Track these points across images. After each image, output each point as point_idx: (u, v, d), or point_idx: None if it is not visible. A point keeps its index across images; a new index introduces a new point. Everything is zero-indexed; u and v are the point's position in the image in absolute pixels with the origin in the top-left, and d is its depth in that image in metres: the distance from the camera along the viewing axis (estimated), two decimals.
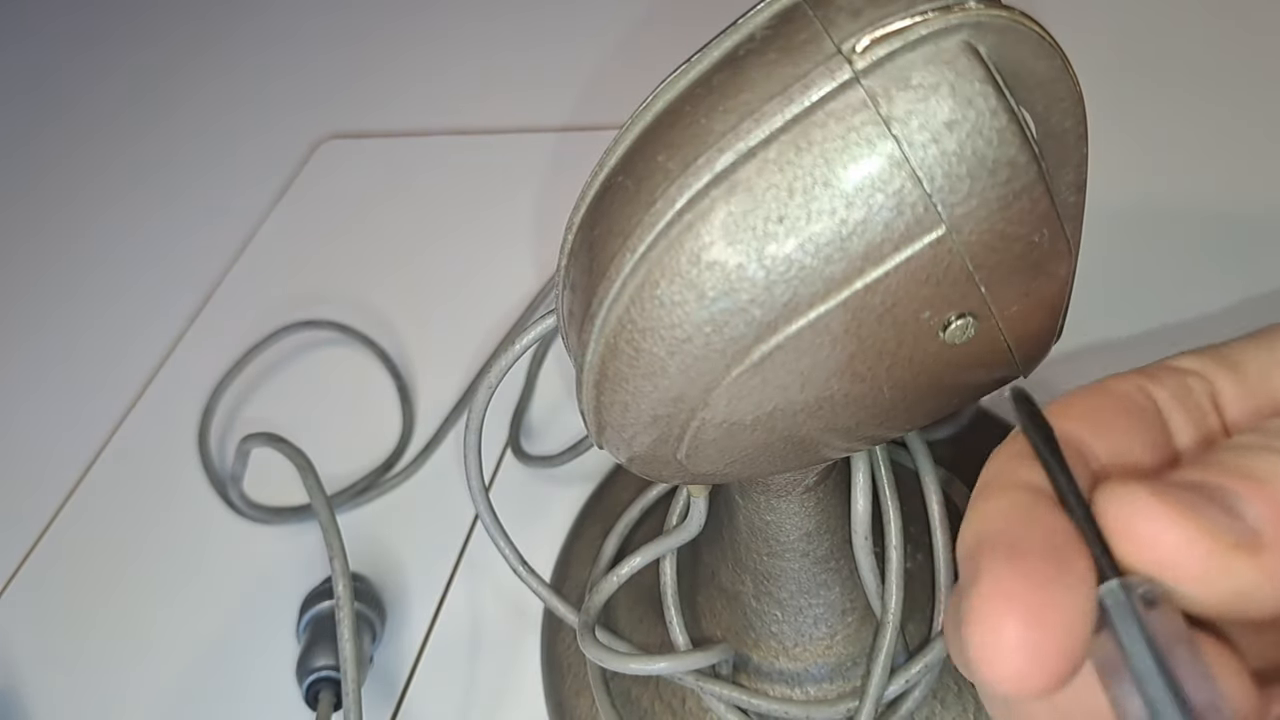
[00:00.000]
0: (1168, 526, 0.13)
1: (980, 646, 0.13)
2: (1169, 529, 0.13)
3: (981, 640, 0.13)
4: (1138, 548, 0.13)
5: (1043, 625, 0.13)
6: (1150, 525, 0.13)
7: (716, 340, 0.17)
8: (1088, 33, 0.52)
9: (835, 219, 0.16)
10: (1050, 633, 0.13)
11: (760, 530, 0.24)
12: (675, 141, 0.17)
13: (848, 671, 0.26)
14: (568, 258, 0.19)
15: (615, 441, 0.20)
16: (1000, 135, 0.15)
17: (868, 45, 0.16)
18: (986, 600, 0.13)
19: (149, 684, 0.35)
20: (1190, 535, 0.13)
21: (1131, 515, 0.13)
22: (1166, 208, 0.43)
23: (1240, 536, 0.13)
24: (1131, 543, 0.13)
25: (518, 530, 0.28)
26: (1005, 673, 0.13)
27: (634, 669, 0.24)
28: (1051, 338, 0.19)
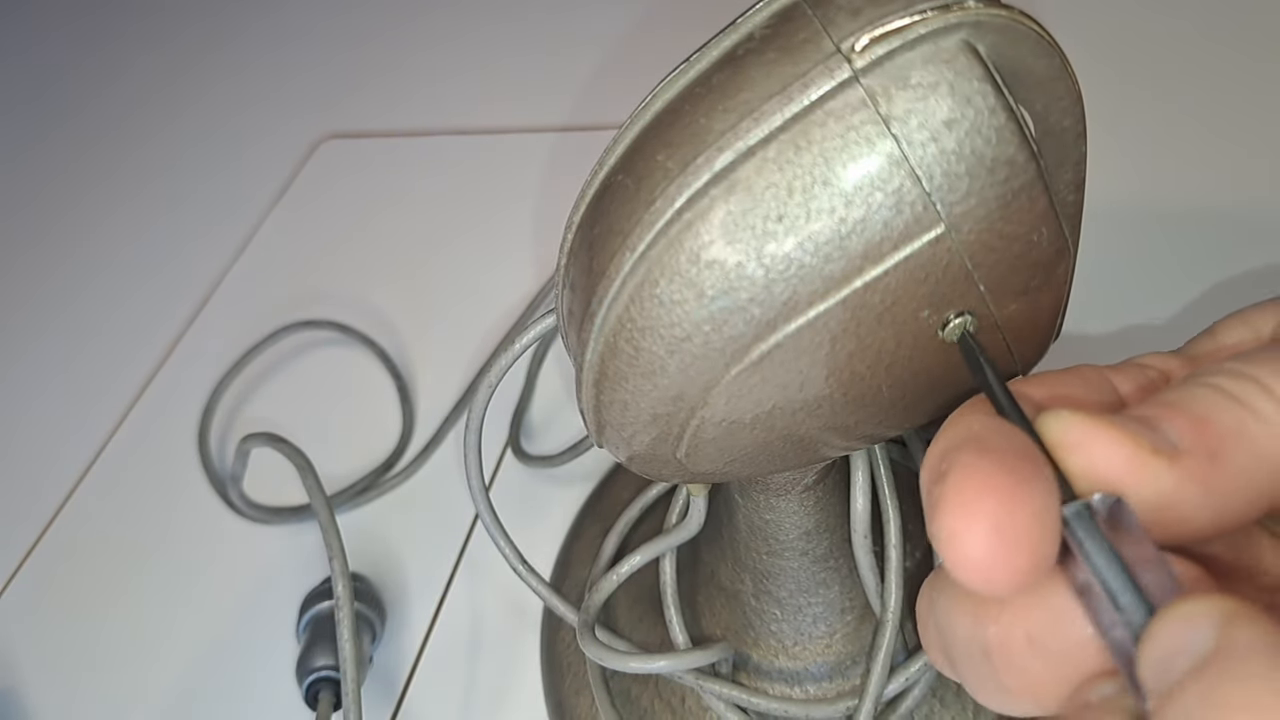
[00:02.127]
0: (1095, 436, 0.14)
1: (952, 532, 0.13)
2: (1096, 438, 0.14)
3: (953, 526, 0.13)
4: (1071, 461, 0.14)
5: (1014, 510, 0.13)
6: (1080, 435, 0.14)
7: (716, 339, 0.17)
8: (1086, 33, 0.52)
9: (834, 218, 0.16)
10: (1021, 519, 0.13)
11: (759, 529, 0.24)
12: (675, 140, 0.17)
13: (847, 670, 0.26)
14: (567, 257, 0.19)
15: (615, 440, 0.20)
16: (999, 134, 0.16)
17: (867, 44, 0.16)
18: (959, 486, 0.14)
19: (149, 683, 0.35)
20: (1114, 439, 0.14)
21: (1065, 429, 0.14)
22: (1154, 207, 0.43)
23: (1159, 444, 0.14)
24: (1064, 453, 0.14)
25: (518, 530, 0.28)
26: (976, 555, 0.13)
27: (633, 668, 0.24)
28: (1050, 336, 0.19)
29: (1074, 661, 0.14)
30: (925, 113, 0.15)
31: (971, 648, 0.15)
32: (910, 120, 0.16)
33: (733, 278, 0.17)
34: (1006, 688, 0.15)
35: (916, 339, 0.17)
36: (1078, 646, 0.14)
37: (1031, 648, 0.14)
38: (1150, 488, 0.14)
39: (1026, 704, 0.15)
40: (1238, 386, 0.15)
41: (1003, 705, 0.15)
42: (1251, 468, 0.14)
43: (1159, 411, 0.15)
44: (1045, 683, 0.15)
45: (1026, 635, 0.14)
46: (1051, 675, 0.14)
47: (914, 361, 0.18)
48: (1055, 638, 0.14)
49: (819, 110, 0.16)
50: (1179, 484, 0.14)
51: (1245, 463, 0.14)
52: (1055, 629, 0.14)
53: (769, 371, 0.18)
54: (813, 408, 0.18)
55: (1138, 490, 0.14)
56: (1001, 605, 0.15)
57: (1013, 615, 0.15)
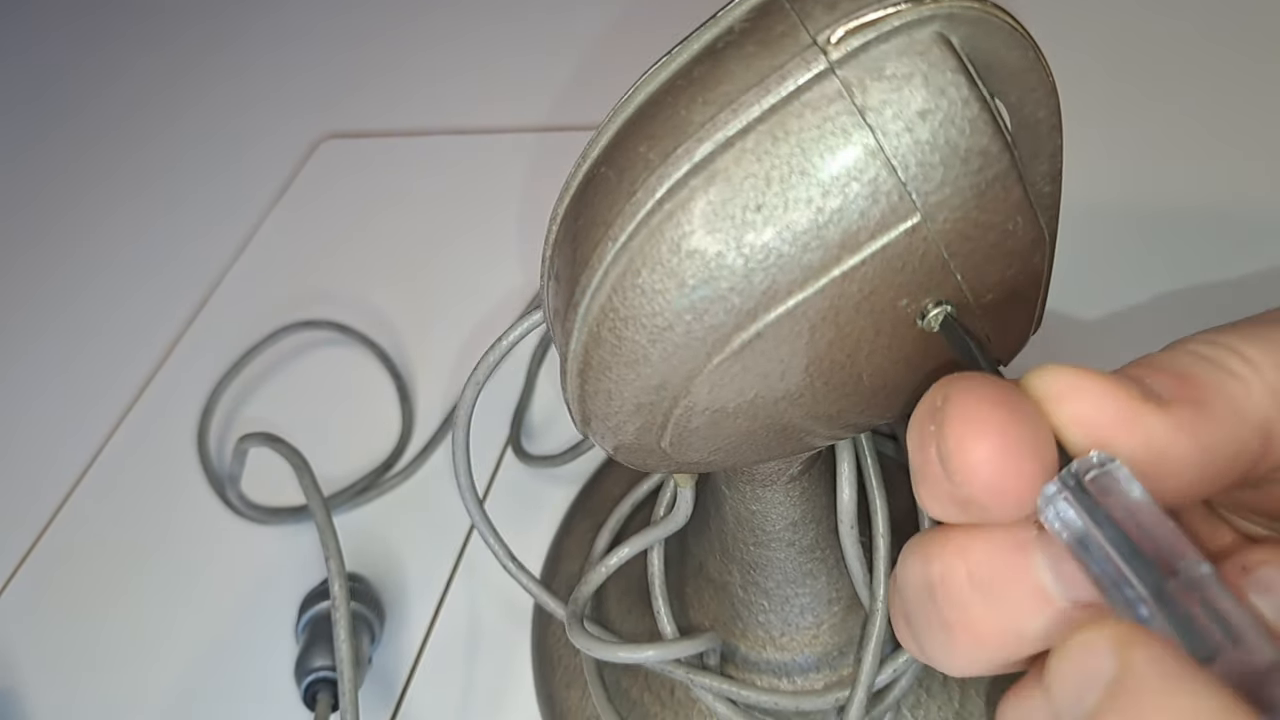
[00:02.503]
0: (1085, 386, 0.15)
1: (959, 442, 0.14)
2: (1086, 388, 0.14)
3: (960, 434, 0.14)
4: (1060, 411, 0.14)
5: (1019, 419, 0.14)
6: (1069, 386, 0.15)
7: (697, 328, 0.17)
8: (1086, 33, 0.52)
9: (812, 207, 0.16)
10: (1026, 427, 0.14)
11: (746, 520, 0.25)
12: (656, 133, 0.17)
13: (834, 661, 0.26)
14: (552, 249, 0.20)
15: (600, 431, 0.20)
16: (972, 124, 0.16)
17: (842, 36, 0.16)
18: (963, 404, 0.14)
19: (148, 683, 0.36)
20: (1104, 389, 0.14)
21: (1053, 380, 0.15)
22: (1151, 205, 0.43)
23: (1146, 392, 0.15)
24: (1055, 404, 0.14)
25: (519, 530, 0.28)
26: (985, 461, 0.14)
27: (621, 657, 0.24)
28: (1029, 326, 0.19)
29: (1012, 603, 0.15)
30: (900, 103, 0.16)
31: (921, 591, 0.16)
32: (885, 111, 0.16)
33: (713, 267, 0.17)
34: (947, 623, 0.15)
35: (895, 327, 0.18)
36: (1015, 588, 0.15)
37: (971, 584, 0.15)
38: (1142, 436, 0.14)
39: (967, 645, 0.16)
40: (1212, 351, 0.15)
41: (947, 650, 0.16)
42: (1233, 426, 0.15)
43: (1141, 370, 0.15)
44: (983, 621, 0.15)
45: (967, 572, 0.15)
46: (990, 615, 0.15)
47: (893, 350, 0.18)
48: (994, 576, 0.15)
49: (796, 101, 0.16)
50: (1170, 433, 0.14)
51: (1227, 420, 0.15)
52: (994, 567, 0.15)
53: (750, 360, 0.18)
54: (794, 396, 0.19)
55: (1130, 439, 0.14)
56: (945, 542, 0.15)
57: (955, 552, 0.15)
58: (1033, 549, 0.15)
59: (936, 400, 0.15)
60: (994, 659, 0.16)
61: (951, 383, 0.15)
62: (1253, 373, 0.15)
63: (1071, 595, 0.15)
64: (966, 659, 0.16)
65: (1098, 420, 0.14)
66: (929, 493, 0.15)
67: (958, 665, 0.16)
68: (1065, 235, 0.21)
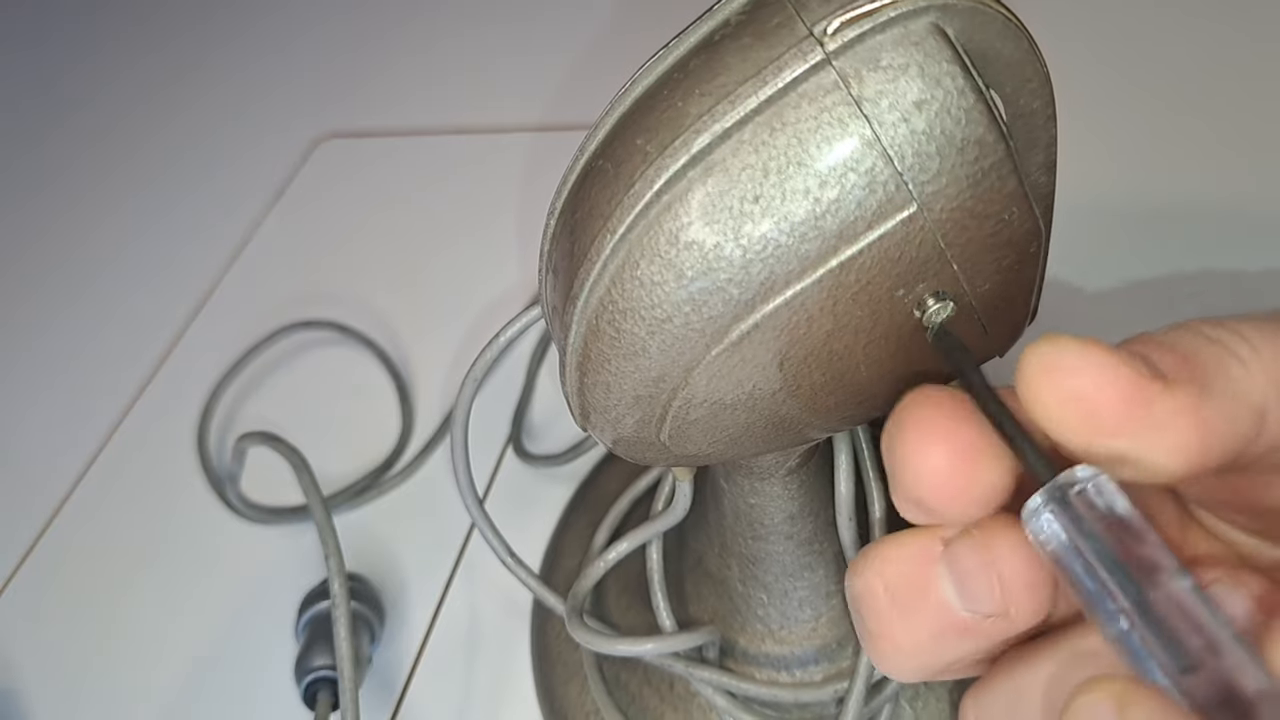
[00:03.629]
0: (1091, 358, 0.14)
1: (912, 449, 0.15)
2: (1092, 360, 0.14)
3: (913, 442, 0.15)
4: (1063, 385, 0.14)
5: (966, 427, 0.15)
6: (1076, 358, 0.14)
7: (696, 320, 0.18)
8: (1086, 34, 0.52)
9: (809, 198, 0.16)
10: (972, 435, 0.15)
11: (745, 514, 0.25)
12: (653, 125, 0.17)
13: (833, 654, 0.26)
14: (550, 242, 0.20)
15: (600, 424, 0.20)
16: (968, 114, 0.16)
17: (838, 28, 0.16)
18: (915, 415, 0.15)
19: (148, 683, 0.36)
20: (1111, 362, 0.14)
21: (1060, 353, 0.14)
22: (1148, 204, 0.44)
23: (1152, 370, 0.14)
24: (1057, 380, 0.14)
25: (520, 529, 0.28)
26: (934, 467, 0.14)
27: (621, 650, 0.25)
28: (1025, 317, 0.19)
29: (921, 615, 0.16)
30: (896, 94, 0.16)
31: (851, 605, 0.17)
32: (881, 101, 0.16)
33: (711, 259, 0.17)
34: (872, 634, 0.16)
35: (893, 318, 0.18)
36: (923, 600, 0.15)
37: (887, 597, 0.16)
38: (1146, 416, 0.14)
39: (892, 654, 0.16)
40: (1216, 333, 0.15)
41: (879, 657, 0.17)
42: (1233, 410, 0.15)
43: (1144, 346, 0.15)
44: (900, 633, 0.16)
45: (884, 586, 0.16)
46: (904, 626, 0.16)
47: (890, 341, 0.18)
48: (904, 589, 0.16)
49: (793, 93, 0.16)
50: (1172, 414, 0.14)
51: (1229, 404, 0.15)
52: (904, 581, 0.16)
53: (748, 352, 0.18)
54: (793, 388, 0.19)
55: (1134, 419, 0.14)
56: (870, 557, 0.16)
57: (876, 567, 0.16)
58: (937, 563, 0.15)
59: (897, 414, 0.15)
60: (922, 665, 0.16)
61: (913, 393, 0.15)
62: (1254, 356, 0.15)
63: (974, 608, 0.15)
64: (897, 666, 0.16)
65: (1102, 397, 0.14)
66: (896, 496, 0.16)
67: (893, 671, 0.17)
68: (1069, 228, 0.21)
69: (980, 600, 0.15)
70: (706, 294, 0.17)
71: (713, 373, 0.18)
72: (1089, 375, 0.14)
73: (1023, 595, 0.15)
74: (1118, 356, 0.14)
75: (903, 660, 0.16)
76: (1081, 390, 0.14)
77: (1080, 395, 0.14)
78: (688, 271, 0.17)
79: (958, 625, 0.15)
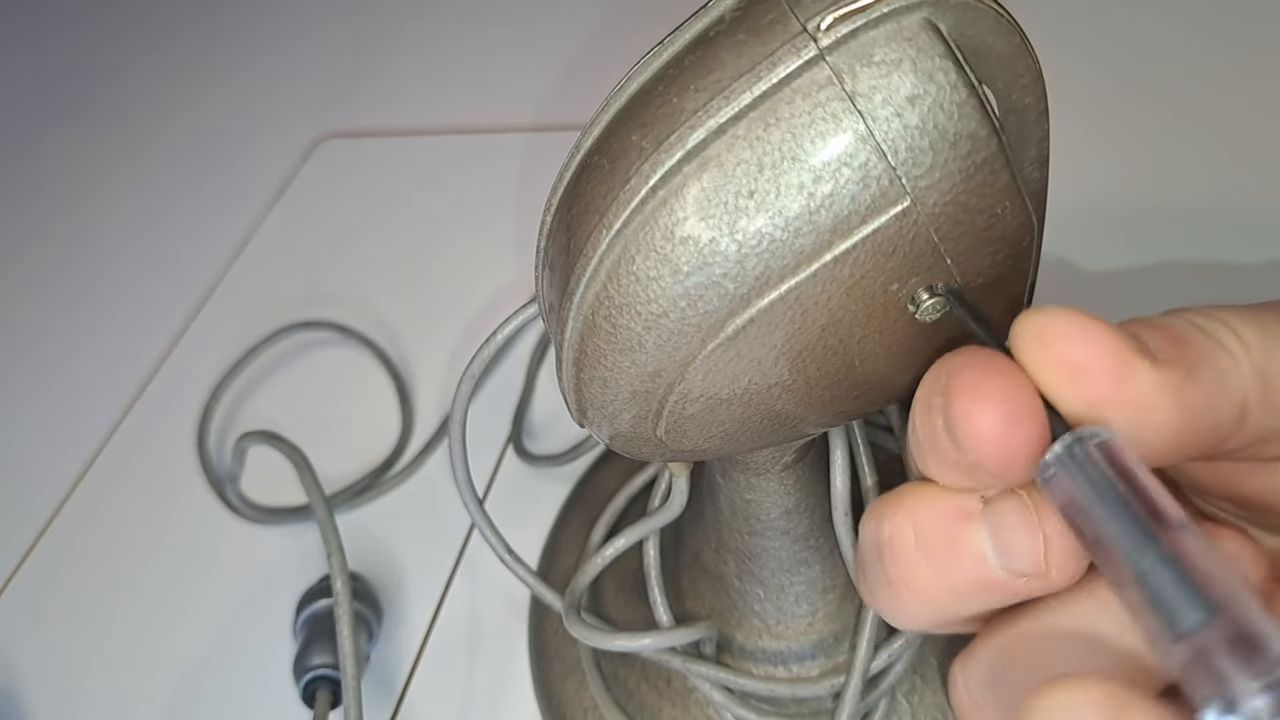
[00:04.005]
0: (1082, 326, 0.15)
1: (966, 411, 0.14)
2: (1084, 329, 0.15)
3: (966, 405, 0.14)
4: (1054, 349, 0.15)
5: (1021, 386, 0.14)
6: (1067, 325, 0.15)
7: (691, 314, 0.18)
8: (1086, 34, 0.52)
9: (804, 193, 0.17)
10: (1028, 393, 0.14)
11: (741, 509, 0.25)
12: (649, 121, 0.17)
13: (830, 649, 0.26)
14: (546, 238, 0.20)
15: (596, 420, 0.20)
16: (960, 109, 0.16)
17: (831, 23, 0.16)
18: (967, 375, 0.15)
19: (148, 682, 0.36)
20: (1102, 332, 0.15)
21: (1051, 321, 0.15)
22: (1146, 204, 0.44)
23: (1142, 346, 0.15)
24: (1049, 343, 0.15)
25: (521, 529, 0.28)
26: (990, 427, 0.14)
27: (618, 645, 0.25)
28: (1019, 309, 0.19)
29: (952, 567, 0.16)
30: (889, 89, 0.16)
31: (872, 549, 0.17)
32: (875, 96, 0.16)
33: (706, 253, 0.17)
34: (892, 580, 0.16)
35: (887, 312, 0.18)
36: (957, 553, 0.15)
37: (917, 546, 0.16)
38: (1131, 388, 0.14)
39: (910, 602, 0.16)
40: (1208, 323, 0.16)
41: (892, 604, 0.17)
42: (1215, 397, 0.15)
43: (1139, 327, 0.15)
44: (926, 581, 0.16)
45: (914, 534, 0.16)
46: (931, 576, 0.16)
47: (885, 335, 0.18)
48: (938, 540, 0.16)
49: (787, 88, 0.16)
50: (1156, 391, 0.14)
51: (1211, 388, 0.15)
52: (939, 532, 0.16)
53: (744, 346, 0.18)
54: (787, 383, 0.19)
55: (1119, 390, 0.14)
56: (899, 505, 0.16)
57: (905, 515, 0.16)
58: (977, 518, 0.16)
59: (941, 374, 0.15)
60: (935, 616, 0.16)
61: (955, 356, 0.15)
62: (1243, 350, 0.15)
63: (1008, 565, 0.15)
64: (909, 614, 0.17)
65: (1090, 365, 0.14)
66: (937, 461, 0.16)
67: (902, 619, 0.17)
68: (1062, 239, 0.21)
69: (1021, 559, 0.15)
70: (702, 289, 0.17)
71: (709, 368, 0.18)
72: (1079, 343, 0.14)
73: (1065, 557, 0.15)
74: (1108, 328, 0.15)
75: (919, 609, 0.16)
76: (1072, 355, 0.14)
77: (1070, 360, 0.14)
78: (683, 266, 0.17)
79: (988, 581, 0.15)
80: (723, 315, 0.18)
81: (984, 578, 0.15)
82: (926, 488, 0.16)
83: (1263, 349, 0.15)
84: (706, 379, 0.19)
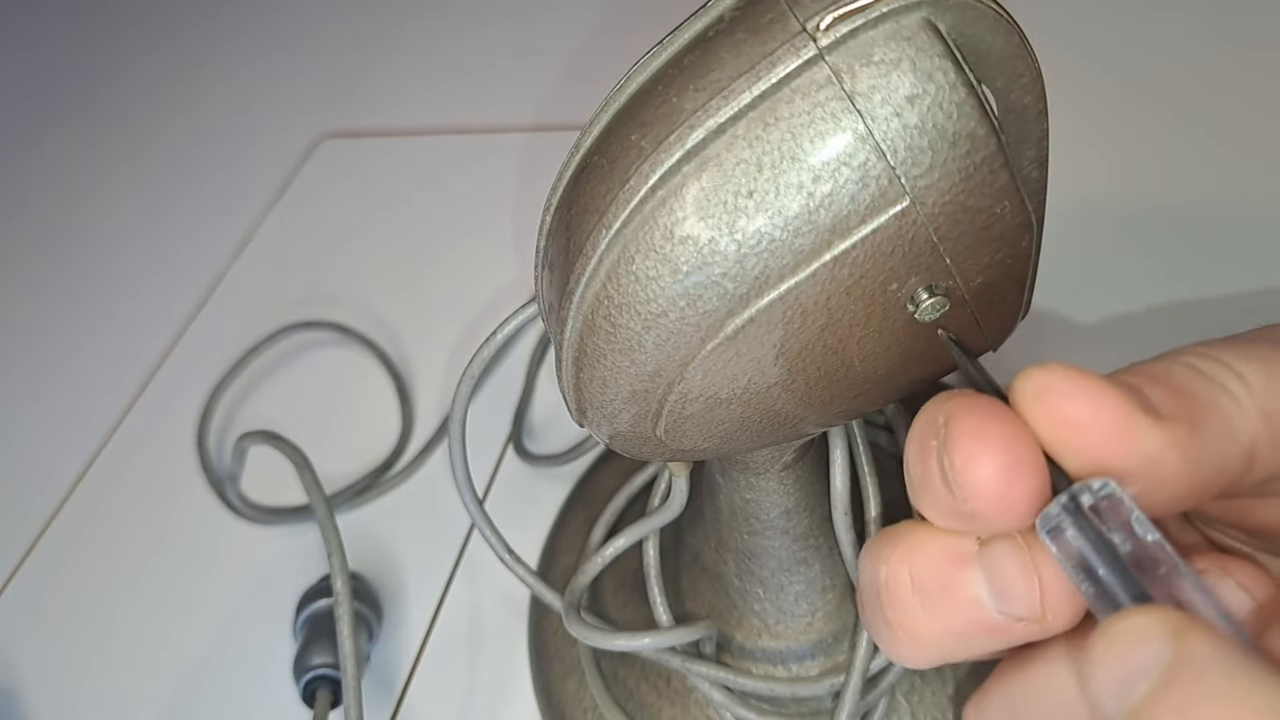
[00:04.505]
0: (1085, 387, 0.14)
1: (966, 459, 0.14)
2: (1086, 389, 0.14)
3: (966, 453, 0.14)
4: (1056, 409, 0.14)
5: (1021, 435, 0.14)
6: (1069, 385, 0.14)
7: (691, 314, 0.18)
8: (1085, 35, 0.52)
9: (803, 193, 0.17)
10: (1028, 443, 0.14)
11: (741, 509, 0.25)
12: (648, 121, 0.17)
13: (829, 649, 0.26)
14: (546, 238, 0.20)
15: (596, 420, 0.20)
16: (959, 109, 0.16)
17: (831, 23, 0.16)
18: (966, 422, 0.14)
19: (147, 683, 0.36)
20: (1105, 392, 0.14)
21: (1054, 379, 0.14)
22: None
23: (1145, 403, 0.14)
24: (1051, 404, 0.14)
25: (521, 529, 0.28)
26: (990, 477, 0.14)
27: (618, 645, 0.25)
28: (1018, 311, 0.19)
29: (948, 610, 0.16)
30: (888, 89, 0.16)
31: (870, 592, 0.17)
32: (874, 96, 0.16)
33: (706, 253, 0.17)
34: (889, 622, 0.16)
35: (886, 312, 0.18)
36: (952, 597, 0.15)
37: (913, 589, 0.16)
38: (1136, 448, 0.14)
39: (908, 644, 0.16)
40: (1209, 367, 0.15)
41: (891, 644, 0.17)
42: (1221, 444, 0.15)
43: (1138, 379, 0.15)
44: (922, 624, 0.16)
45: (910, 577, 0.16)
46: (927, 619, 0.16)
47: (884, 335, 0.18)
48: (933, 584, 0.16)
49: (786, 88, 0.16)
50: (1162, 448, 0.14)
51: (1217, 438, 0.15)
52: (934, 576, 0.16)
53: (743, 346, 0.18)
54: (787, 383, 0.19)
55: (1123, 450, 0.14)
56: (895, 547, 0.16)
57: (901, 558, 0.16)
58: (972, 562, 0.15)
59: (938, 416, 0.15)
60: (935, 657, 0.16)
61: (951, 399, 0.15)
62: (1246, 392, 0.15)
63: (1004, 609, 0.15)
64: (908, 655, 0.17)
65: (1093, 425, 0.14)
66: (931, 505, 0.15)
67: (903, 659, 0.17)
68: (1062, 239, 0.21)
69: (1017, 603, 0.15)
70: (701, 288, 0.17)
71: (708, 367, 0.18)
72: (1081, 402, 0.14)
73: (1062, 601, 0.15)
74: (1109, 386, 0.14)
75: (918, 651, 0.16)
76: (1074, 416, 0.14)
77: (1073, 421, 0.14)
78: (683, 266, 0.17)
79: (986, 625, 0.15)
80: (722, 315, 0.18)
81: (981, 621, 0.15)
82: (922, 528, 0.16)
83: (1266, 390, 0.15)
84: (706, 378, 0.19)
